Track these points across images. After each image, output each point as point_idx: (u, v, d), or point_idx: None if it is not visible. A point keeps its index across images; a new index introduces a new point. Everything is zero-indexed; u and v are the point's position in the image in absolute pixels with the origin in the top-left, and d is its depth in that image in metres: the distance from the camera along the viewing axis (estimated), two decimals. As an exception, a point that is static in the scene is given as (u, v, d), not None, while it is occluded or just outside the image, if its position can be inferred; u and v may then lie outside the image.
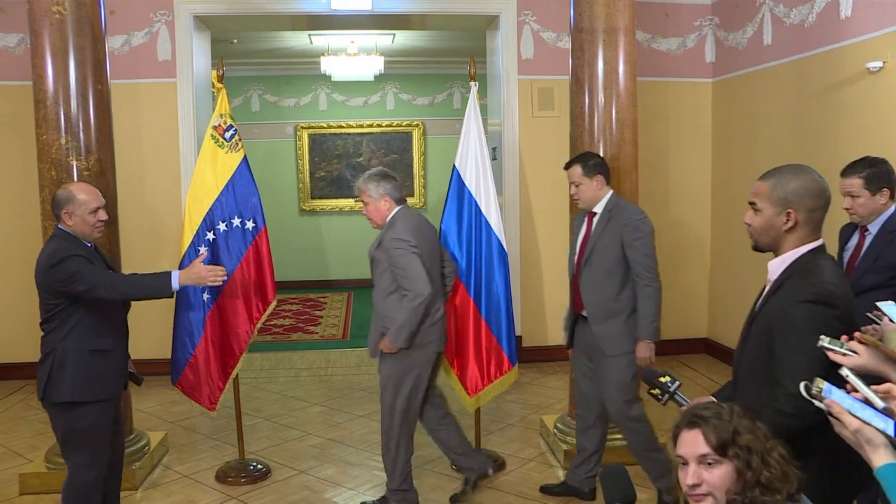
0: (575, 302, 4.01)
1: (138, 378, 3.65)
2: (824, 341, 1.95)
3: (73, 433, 3.34)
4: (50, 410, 3.36)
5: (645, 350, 3.80)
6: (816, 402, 1.67)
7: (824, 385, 1.66)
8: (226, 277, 3.64)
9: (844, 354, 1.90)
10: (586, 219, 3.99)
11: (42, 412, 3.56)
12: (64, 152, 4.23)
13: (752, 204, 2.27)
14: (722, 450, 1.74)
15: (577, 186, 3.91)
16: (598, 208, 3.91)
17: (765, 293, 2.29)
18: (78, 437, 3.34)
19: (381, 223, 3.91)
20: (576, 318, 4.04)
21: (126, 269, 4.64)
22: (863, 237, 3.46)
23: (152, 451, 4.64)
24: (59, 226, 3.38)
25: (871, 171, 3.36)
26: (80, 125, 4.25)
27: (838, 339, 1.92)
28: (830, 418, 1.64)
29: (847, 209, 3.43)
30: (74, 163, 4.24)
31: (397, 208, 3.90)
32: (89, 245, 3.42)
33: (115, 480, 3.65)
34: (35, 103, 4.26)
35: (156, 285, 3.48)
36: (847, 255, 3.56)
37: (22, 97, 5.35)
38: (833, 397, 1.64)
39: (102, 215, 3.41)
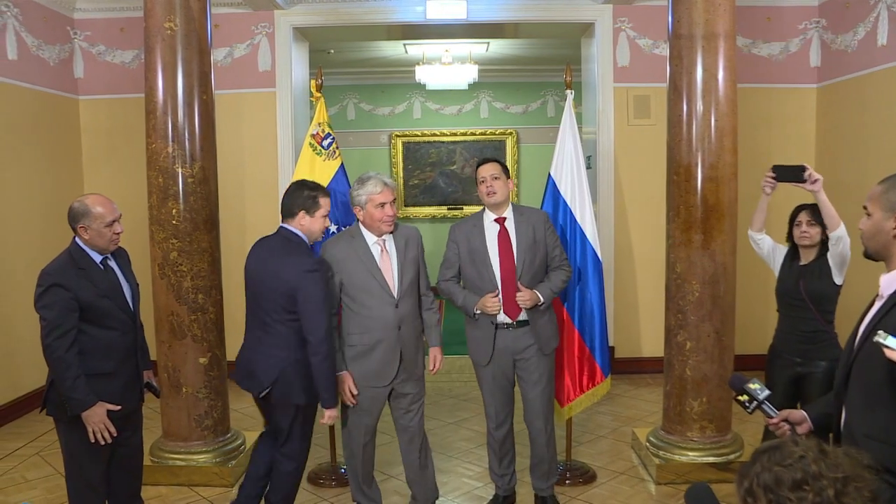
0: None
1: (156, 389, 3.66)
2: (880, 337, 1.81)
3: (70, 445, 3.31)
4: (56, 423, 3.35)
5: None
6: None
7: None
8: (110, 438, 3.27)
9: None
10: None
11: (146, 408, 3.70)
12: (170, 160, 4.41)
13: (864, 208, 2.17)
14: None
15: None
16: None
17: (875, 310, 2.12)
18: (74, 449, 3.30)
19: None
20: None
21: (225, 275, 4.79)
22: None
23: (247, 450, 4.76)
24: (76, 238, 3.28)
25: None
26: (186, 134, 4.43)
27: None
28: None
29: None
30: (180, 170, 4.42)
31: None
32: (101, 258, 3.31)
33: (127, 485, 3.58)
34: (146, 114, 4.47)
35: (68, 389, 3.14)
36: None
37: (134, 109, 5.61)
38: None
39: (118, 228, 3.30)
